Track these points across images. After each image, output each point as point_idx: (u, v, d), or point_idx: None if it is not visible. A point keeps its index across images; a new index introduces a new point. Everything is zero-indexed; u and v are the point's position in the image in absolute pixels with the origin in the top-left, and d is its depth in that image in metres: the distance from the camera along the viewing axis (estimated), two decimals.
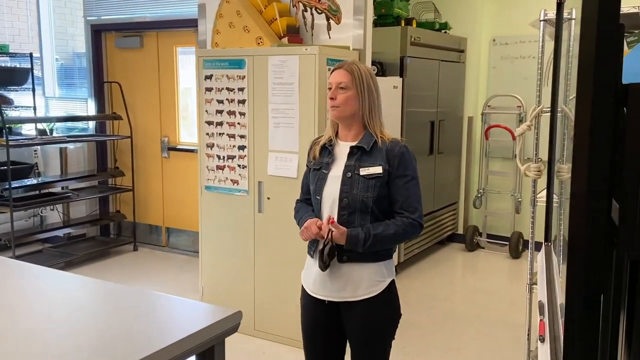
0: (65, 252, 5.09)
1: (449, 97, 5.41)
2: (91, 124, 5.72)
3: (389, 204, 1.99)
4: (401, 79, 4.61)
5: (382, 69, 4.55)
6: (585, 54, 0.84)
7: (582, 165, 0.97)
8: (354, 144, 2.02)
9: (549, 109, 2.29)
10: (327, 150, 2.08)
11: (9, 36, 5.82)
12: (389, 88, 4.45)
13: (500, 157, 5.62)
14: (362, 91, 2.00)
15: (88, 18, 5.53)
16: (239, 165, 3.55)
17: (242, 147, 3.53)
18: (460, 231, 5.85)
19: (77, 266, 5.01)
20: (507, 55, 5.56)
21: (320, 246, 1.98)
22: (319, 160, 2.09)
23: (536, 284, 2.77)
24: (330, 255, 1.96)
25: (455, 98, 5.55)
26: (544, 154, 2.52)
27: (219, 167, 3.64)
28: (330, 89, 2.02)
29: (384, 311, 2.02)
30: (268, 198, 3.47)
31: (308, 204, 2.16)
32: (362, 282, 1.98)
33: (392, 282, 2.04)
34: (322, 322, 2.09)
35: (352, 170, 2.00)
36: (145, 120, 5.51)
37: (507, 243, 5.44)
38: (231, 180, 3.60)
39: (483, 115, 5.58)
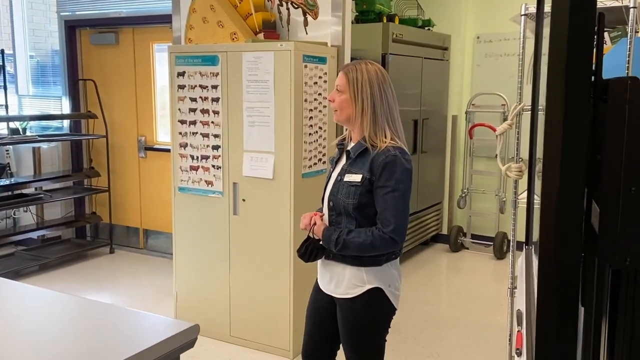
0: (39, 255, 4.93)
1: (433, 95, 5.31)
2: (66, 123, 5.56)
3: (374, 212, 1.97)
4: None
5: None
6: (557, 35, 0.73)
7: (554, 161, 0.86)
8: (349, 147, 2.06)
9: (530, 107, 2.19)
10: (340, 149, 2.13)
11: None
12: None
13: (484, 156, 5.53)
14: (356, 95, 1.97)
15: (62, 14, 5.36)
16: (213, 166, 3.43)
17: (216, 147, 3.40)
18: (445, 231, 5.76)
19: (52, 269, 4.85)
20: (491, 52, 5.48)
21: (306, 238, 2.08)
22: (333, 158, 2.17)
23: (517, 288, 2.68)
24: (310, 249, 2.05)
25: (439, 96, 5.46)
26: (525, 154, 2.43)
27: (192, 168, 3.51)
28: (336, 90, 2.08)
29: (358, 315, 2.03)
30: (243, 200, 3.34)
31: None
32: (342, 281, 2.04)
33: (376, 290, 2.00)
34: (316, 302, 2.19)
35: (342, 174, 2.03)
36: (122, 119, 5.36)
37: (492, 243, 5.36)
38: (205, 181, 3.47)
39: (467, 113, 5.50)
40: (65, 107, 5.48)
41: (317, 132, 3.36)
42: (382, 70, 2.05)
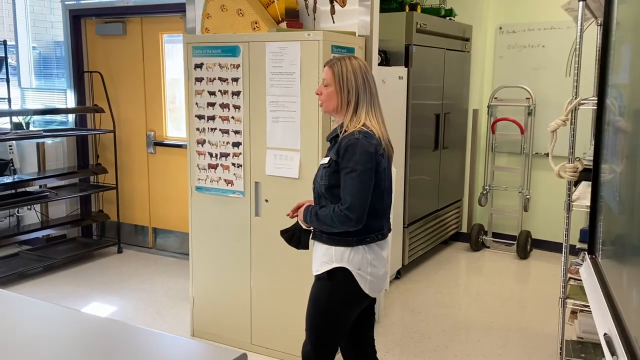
0: (44, 256, 4.72)
1: (454, 88, 5.10)
2: (71, 118, 5.33)
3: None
4: (406, 69, 4.29)
5: (386, 58, 4.22)
6: None
7: None
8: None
9: (596, 101, 1.98)
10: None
11: None
12: (394, 79, 4.13)
13: (507, 152, 5.32)
14: (341, 88, 2.12)
15: (66, 2, 5.12)
16: (233, 164, 3.21)
17: (236, 144, 3.19)
18: (465, 230, 5.56)
19: (57, 270, 4.65)
20: (515, 44, 5.25)
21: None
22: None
23: (571, 298, 2.48)
24: (292, 232, 2.28)
25: (460, 89, 5.24)
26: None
27: (211, 166, 3.29)
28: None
29: (319, 290, 2.16)
30: (266, 200, 3.13)
31: None
32: (317, 259, 2.18)
33: (341, 270, 2.09)
34: None
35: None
36: (129, 113, 5.13)
37: (514, 242, 5.17)
38: (225, 180, 3.26)
39: (489, 107, 5.28)
40: (71, 101, 5.25)
41: None
42: (365, 63, 2.20)
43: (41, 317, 1.58)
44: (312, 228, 2.22)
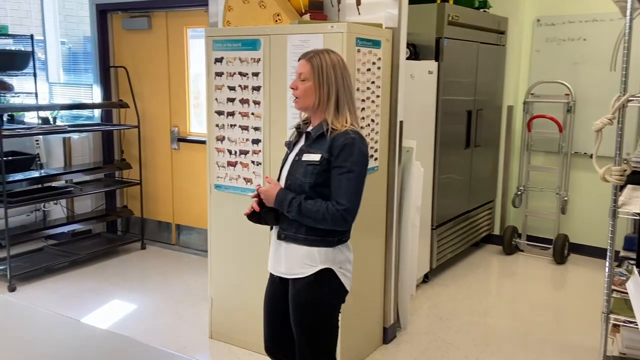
0: (68, 251, 4.70)
1: (488, 83, 4.87)
2: (97, 112, 5.31)
3: (329, 192, 2.02)
4: (437, 63, 4.09)
5: (415, 52, 4.03)
6: None
7: None
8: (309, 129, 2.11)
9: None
10: (298, 133, 2.16)
11: (11, 18, 5.42)
12: (423, 73, 3.94)
13: (543, 150, 5.06)
14: (321, 83, 2.02)
15: None
16: (252, 162, 3.09)
17: (256, 141, 3.06)
18: (497, 232, 5.33)
19: (81, 266, 4.63)
20: (553, 37, 4.98)
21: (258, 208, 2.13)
22: (289, 142, 2.20)
23: (615, 313, 2.27)
24: (257, 216, 2.13)
25: (494, 85, 5.00)
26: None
27: (230, 164, 3.18)
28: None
29: (309, 294, 2.06)
30: None
31: None
32: (295, 261, 2.07)
33: (327, 271, 2.04)
34: (272, 295, 2.22)
35: (299, 154, 2.08)
36: (154, 108, 5.08)
37: (550, 246, 4.91)
38: (244, 178, 3.14)
39: (525, 104, 5.02)
40: (97, 96, 5.23)
41: (369, 125, 2.98)
42: (342, 59, 2.10)
43: (39, 326, 1.49)
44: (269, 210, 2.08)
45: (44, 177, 4.58)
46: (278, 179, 2.17)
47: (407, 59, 3.91)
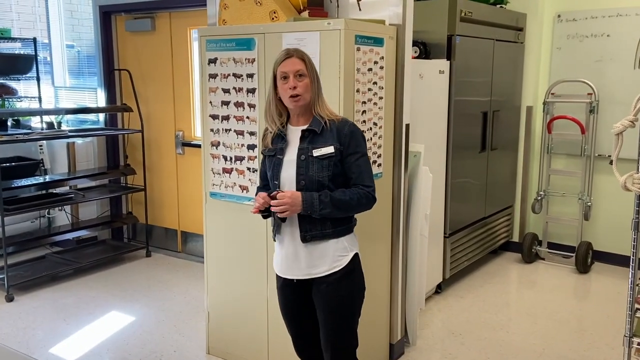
0: (70, 259, 4.59)
1: (505, 83, 4.62)
2: (102, 117, 5.21)
3: (343, 180, 2.07)
4: (448, 62, 3.86)
5: (425, 51, 3.81)
6: None
7: None
8: (305, 127, 2.07)
9: None
10: (281, 136, 2.11)
11: (16, 21, 5.36)
12: (434, 73, 3.72)
13: (565, 153, 4.79)
14: (313, 77, 2.05)
15: None
16: (248, 169, 2.92)
17: (252, 147, 2.89)
18: (516, 239, 5.07)
19: (84, 274, 4.52)
20: (575, 33, 4.71)
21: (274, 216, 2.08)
22: (273, 147, 2.12)
23: (638, 336, 2.04)
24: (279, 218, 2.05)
25: (511, 85, 4.75)
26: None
27: (225, 170, 3.01)
28: (285, 77, 2.01)
29: (348, 284, 2.08)
30: None
31: (267, 190, 2.17)
32: (327, 258, 2.05)
33: (356, 255, 2.11)
34: (294, 301, 2.18)
35: (305, 152, 2.05)
36: (158, 112, 4.95)
37: (573, 254, 4.63)
38: (240, 186, 2.97)
39: (545, 104, 4.75)
40: (101, 99, 5.13)
41: (371, 128, 2.78)
42: None
43: None
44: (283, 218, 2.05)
45: (48, 183, 4.48)
46: (277, 186, 2.08)
47: (417, 57, 3.70)
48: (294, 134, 2.10)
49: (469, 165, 4.24)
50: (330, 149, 2.02)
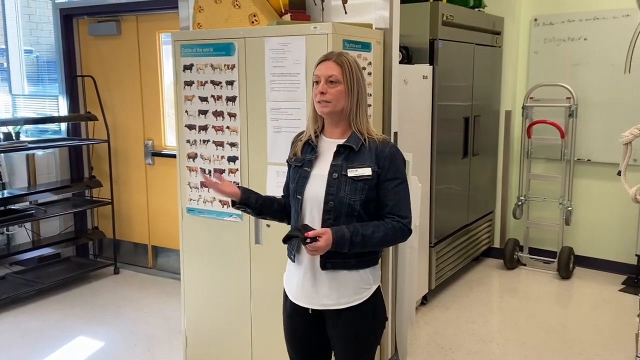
0: (32, 280, 4.28)
1: (485, 88, 4.55)
2: (64, 126, 4.91)
3: (375, 207, 1.87)
4: (431, 67, 3.76)
5: (407, 55, 3.69)
6: None
7: None
8: (341, 142, 1.88)
9: None
10: (311, 146, 1.92)
11: None
12: (417, 78, 3.60)
13: (544, 158, 4.75)
14: (351, 86, 1.84)
15: (56, 1, 4.70)
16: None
17: (233, 159, 2.70)
18: (497, 245, 5.00)
19: (47, 295, 4.22)
20: (552, 37, 4.68)
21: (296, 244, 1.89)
22: (301, 157, 1.92)
23: None
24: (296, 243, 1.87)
25: (491, 89, 4.69)
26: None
27: (204, 185, 2.81)
28: (317, 82, 1.84)
29: (369, 320, 1.92)
30: (268, 225, 2.64)
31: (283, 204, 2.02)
32: (346, 289, 1.87)
33: (378, 289, 1.94)
34: (306, 331, 1.97)
35: (338, 170, 1.85)
36: (125, 120, 4.69)
37: (554, 260, 4.59)
38: (220, 201, 2.77)
39: (524, 109, 4.71)
40: (63, 108, 4.83)
41: None
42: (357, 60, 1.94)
43: None
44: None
45: (6, 199, 4.16)
46: (300, 202, 1.87)
47: (400, 63, 3.57)
48: (327, 146, 1.90)
49: (452, 172, 4.15)
50: (367, 171, 1.82)
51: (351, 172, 1.83)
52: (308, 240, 1.69)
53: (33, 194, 4.42)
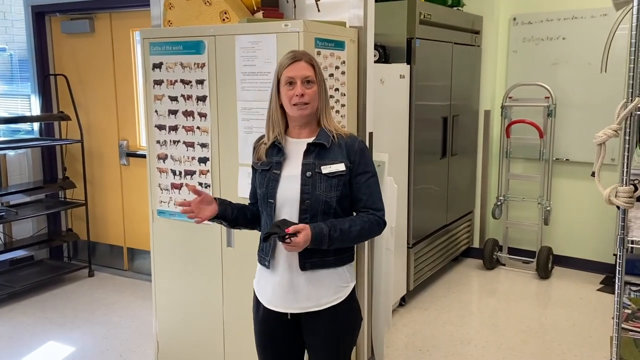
0: (3, 283, 4.17)
1: (463, 87, 4.52)
2: (36, 126, 4.80)
3: (350, 203, 1.88)
4: (409, 66, 3.72)
5: (384, 54, 3.65)
6: None
7: None
8: (309, 140, 1.85)
9: None
10: (277, 148, 1.88)
11: None
12: (394, 78, 3.57)
13: (523, 157, 4.75)
14: (321, 85, 1.84)
15: None
16: (200, 184, 2.66)
17: (203, 160, 2.64)
18: (477, 245, 4.99)
19: (20, 298, 4.12)
20: (531, 36, 4.67)
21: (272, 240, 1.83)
22: (267, 160, 1.88)
23: None
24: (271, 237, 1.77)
25: (469, 89, 4.67)
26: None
27: (174, 186, 2.74)
28: (291, 83, 1.78)
29: (348, 318, 1.91)
30: None
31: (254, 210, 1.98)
32: (326, 289, 1.85)
33: (354, 288, 1.93)
34: (282, 336, 1.92)
35: (312, 168, 1.82)
36: (99, 120, 4.59)
37: (533, 259, 4.59)
38: None
39: (503, 108, 4.70)
40: (35, 107, 4.72)
41: None
42: None
43: None
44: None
45: None
46: (273, 205, 1.82)
47: (376, 62, 3.54)
48: (295, 147, 1.86)
49: (430, 172, 4.12)
50: (341, 167, 1.81)
51: (325, 169, 1.82)
52: (287, 237, 1.65)
53: (4, 195, 4.31)
